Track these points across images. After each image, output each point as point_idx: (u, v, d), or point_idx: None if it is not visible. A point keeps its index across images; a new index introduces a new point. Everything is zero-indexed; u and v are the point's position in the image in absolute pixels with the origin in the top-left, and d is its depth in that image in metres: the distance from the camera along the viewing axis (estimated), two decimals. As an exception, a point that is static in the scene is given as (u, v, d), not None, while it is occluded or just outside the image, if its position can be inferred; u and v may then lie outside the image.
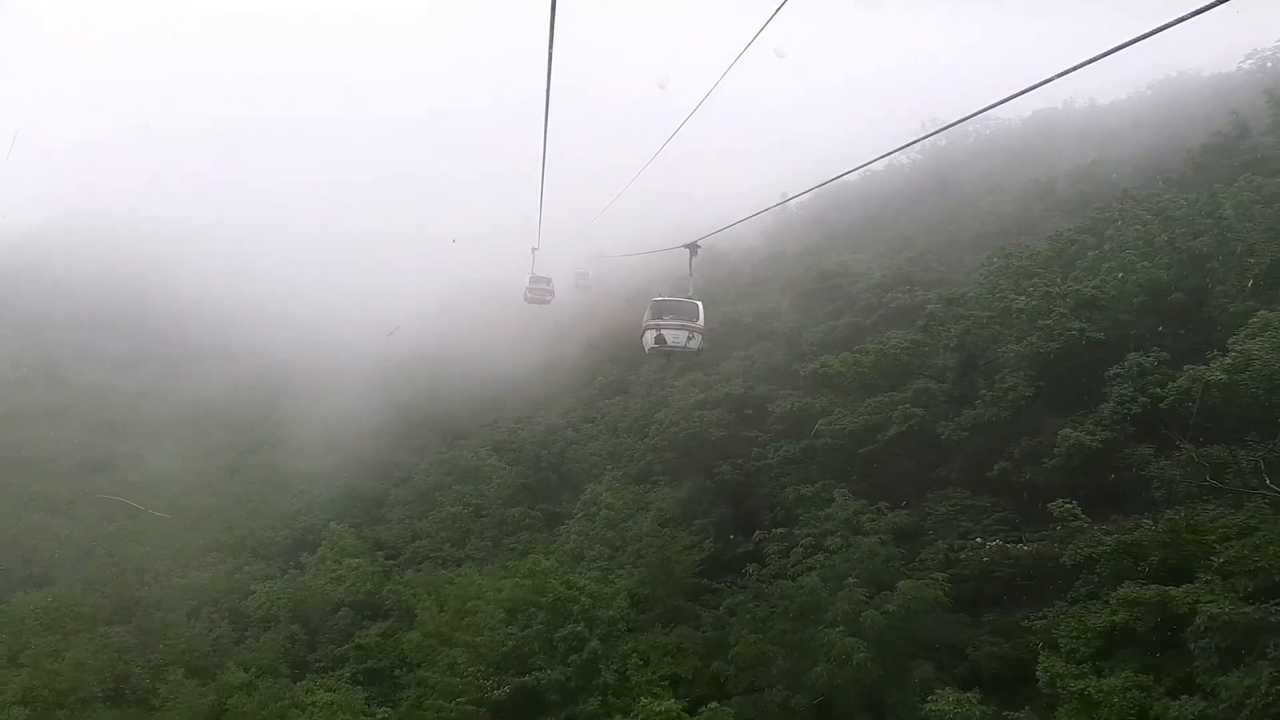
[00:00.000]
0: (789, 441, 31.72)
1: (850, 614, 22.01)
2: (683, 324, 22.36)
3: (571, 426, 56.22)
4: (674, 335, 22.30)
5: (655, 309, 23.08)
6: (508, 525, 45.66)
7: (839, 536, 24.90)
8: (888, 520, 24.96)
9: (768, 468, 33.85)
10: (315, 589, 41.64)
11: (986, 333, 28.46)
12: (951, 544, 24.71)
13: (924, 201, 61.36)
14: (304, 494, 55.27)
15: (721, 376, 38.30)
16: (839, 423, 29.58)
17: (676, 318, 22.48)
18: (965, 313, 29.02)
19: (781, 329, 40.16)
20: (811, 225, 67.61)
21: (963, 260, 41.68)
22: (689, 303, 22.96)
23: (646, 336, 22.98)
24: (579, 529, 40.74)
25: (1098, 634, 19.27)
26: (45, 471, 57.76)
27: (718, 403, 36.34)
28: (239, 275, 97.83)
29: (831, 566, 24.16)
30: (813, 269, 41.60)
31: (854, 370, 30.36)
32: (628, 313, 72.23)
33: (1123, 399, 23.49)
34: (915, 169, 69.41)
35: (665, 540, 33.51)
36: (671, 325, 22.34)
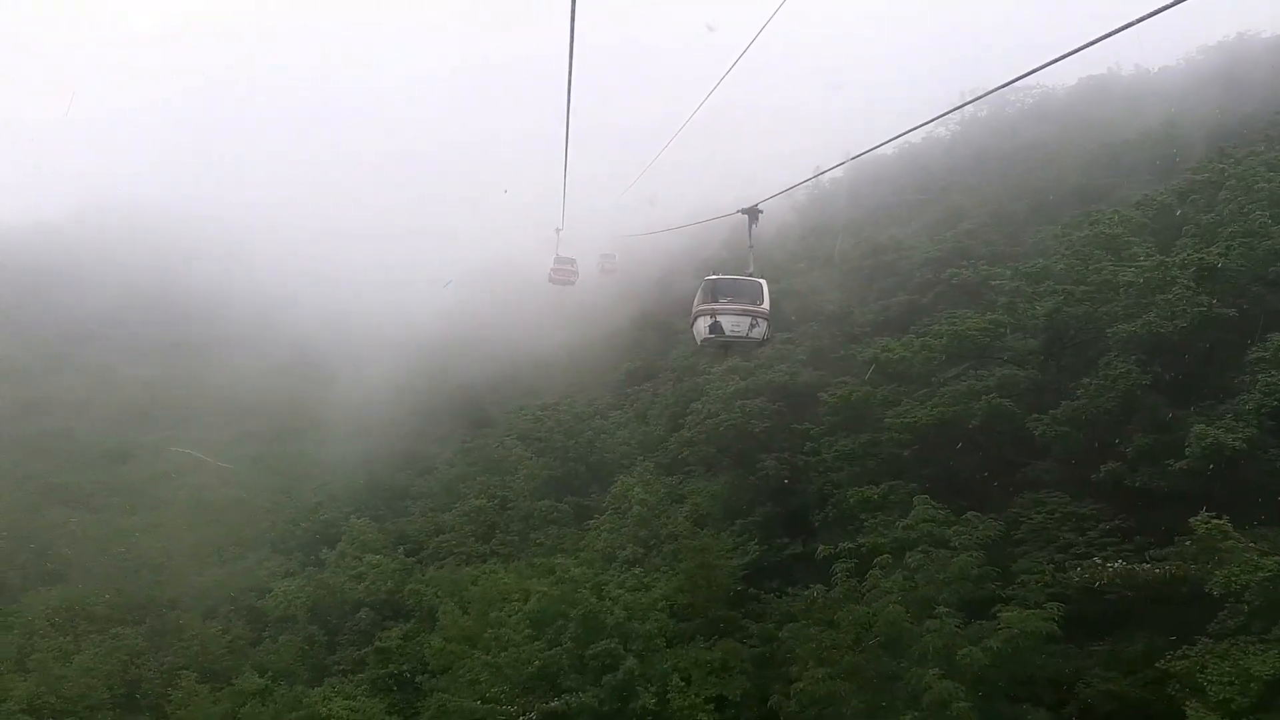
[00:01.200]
0: (846, 435, 27.41)
1: (943, 650, 17.75)
2: (744, 308, 18.13)
3: (599, 414, 52.27)
4: (733, 322, 18.12)
5: (709, 291, 18.88)
6: (534, 519, 42.03)
7: (920, 551, 20.55)
8: (980, 533, 20.59)
9: (819, 464, 29.70)
10: (334, 587, 38.36)
11: (1078, 310, 23.87)
12: (1052, 558, 20.31)
13: (966, 173, 56.33)
14: (327, 485, 51.92)
15: (762, 362, 34.03)
16: (909, 415, 25.11)
17: (736, 300, 18.26)
18: (1056, 287, 24.36)
19: (829, 309, 35.68)
20: (847, 200, 62.74)
21: (1023, 232, 36.95)
22: (751, 281, 18.72)
23: (698, 325, 18.68)
24: (609, 526, 36.72)
25: (1263, 683, 14.89)
26: (68, 462, 55.07)
27: (759, 391, 32.12)
28: (269, 260, 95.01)
29: (913, 588, 19.87)
30: (861, 244, 37.04)
31: (921, 355, 25.86)
32: (654, 296, 68.38)
33: (1271, 388, 18.86)
34: (955, 140, 64.25)
35: (705, 542, 29.33)
36: (730, 310, 18.12)
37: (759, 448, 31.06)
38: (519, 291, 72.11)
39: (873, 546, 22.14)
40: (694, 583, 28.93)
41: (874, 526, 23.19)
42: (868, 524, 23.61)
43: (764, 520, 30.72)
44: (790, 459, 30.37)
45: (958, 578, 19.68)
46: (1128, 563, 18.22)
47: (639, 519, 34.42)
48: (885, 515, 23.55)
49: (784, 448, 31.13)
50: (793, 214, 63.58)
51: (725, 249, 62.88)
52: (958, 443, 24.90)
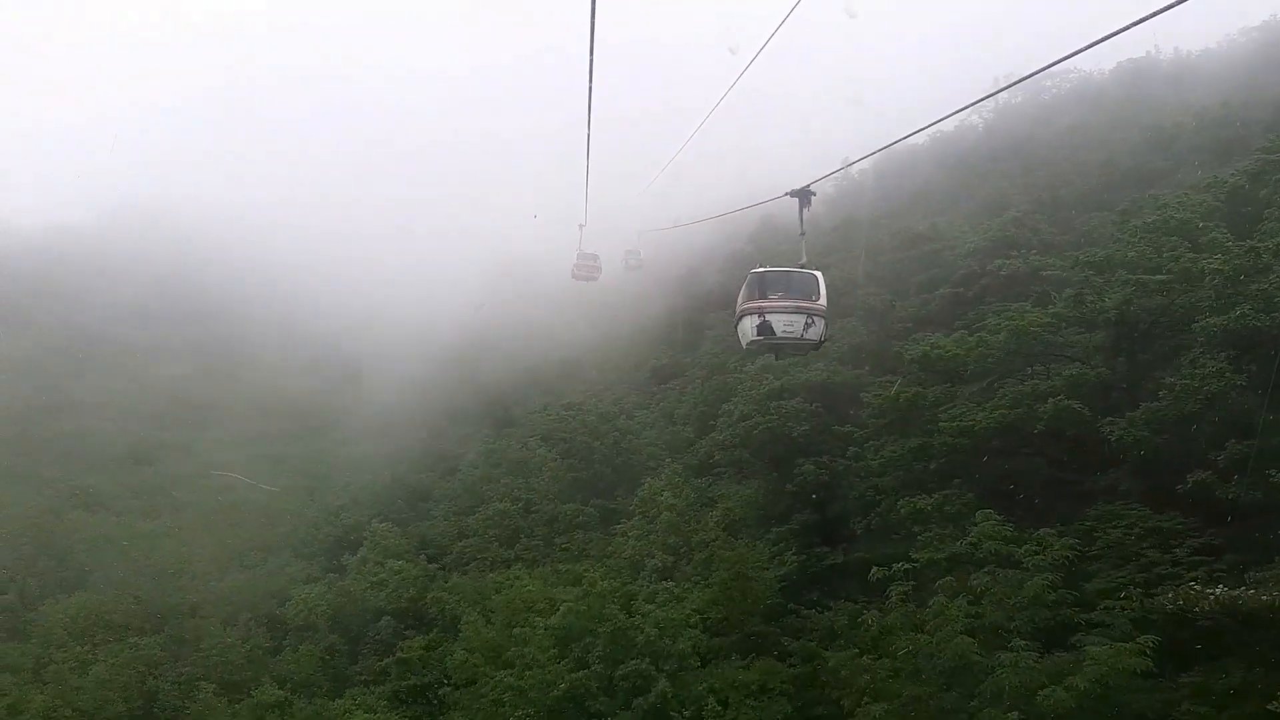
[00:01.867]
0: (893, 439, 25.13)
1: (1020, 689, 15.54)
2: (797, 305, 15.79)
3: (625, 414, 50.34)
4: (785, 322, 15.79)
5: (757, 285, 16.46)
6: (559, 523, 40.27)
7: (987, 572, 18.29)
8: (1055, 552, 18.28)
9: (860, 468, 27.47)
10: (355, 595, 36.88)
11: (1152, 302, 21.45)
12: (1132, 578, 17.97)
13: (1004, 160, 53.65)
14: (349, 486, 50.50)
15: (797, 359, 31.71)
16: (965, 418, 22.76)
17: (788, 296, 15.89)
18: (1129, 277, 21.92)
19: (867, 303, 33.37)
20: (878, 191, 60.22)
21: (1072, 220, 34.40)
22: (805, 274, 16.31)
23: (744, 325, 16.46)
24: (637, 532, 34.74)
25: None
26: (89, 465, 54.10)
27: (795, 391, 29.93)
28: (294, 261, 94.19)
29: (980, 614, 17.65)
30: (899, 235, 34.71)
31: (977, 352, 23.52)
32: (680, 292, 66.33)
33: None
34: (990, 128, 61.45)
35: (740, 552, 27.24)
36: (781, 308, 15.78)
37: (796, 451, 28.93)
38: (542, 289, 70.51)
39: (928, 562, 19.92)
40: (728, 595, 26.91)
41: (928, 541, 20.96)
42: (921, 538, 21.36)
43: (801, 528, 28.63)
44: (829, 463, 28.20)
45: (1032, 603, 17.45)
46: (1229, 587, 15.87)
47: (668, 525, 32.43)
48: (939, 528, 21.31)
49: (822, 451, 28.97)
50: (820, 205, 61.09)
51: (752, 243, 60.69)
52: (1019, 448, 22.58)
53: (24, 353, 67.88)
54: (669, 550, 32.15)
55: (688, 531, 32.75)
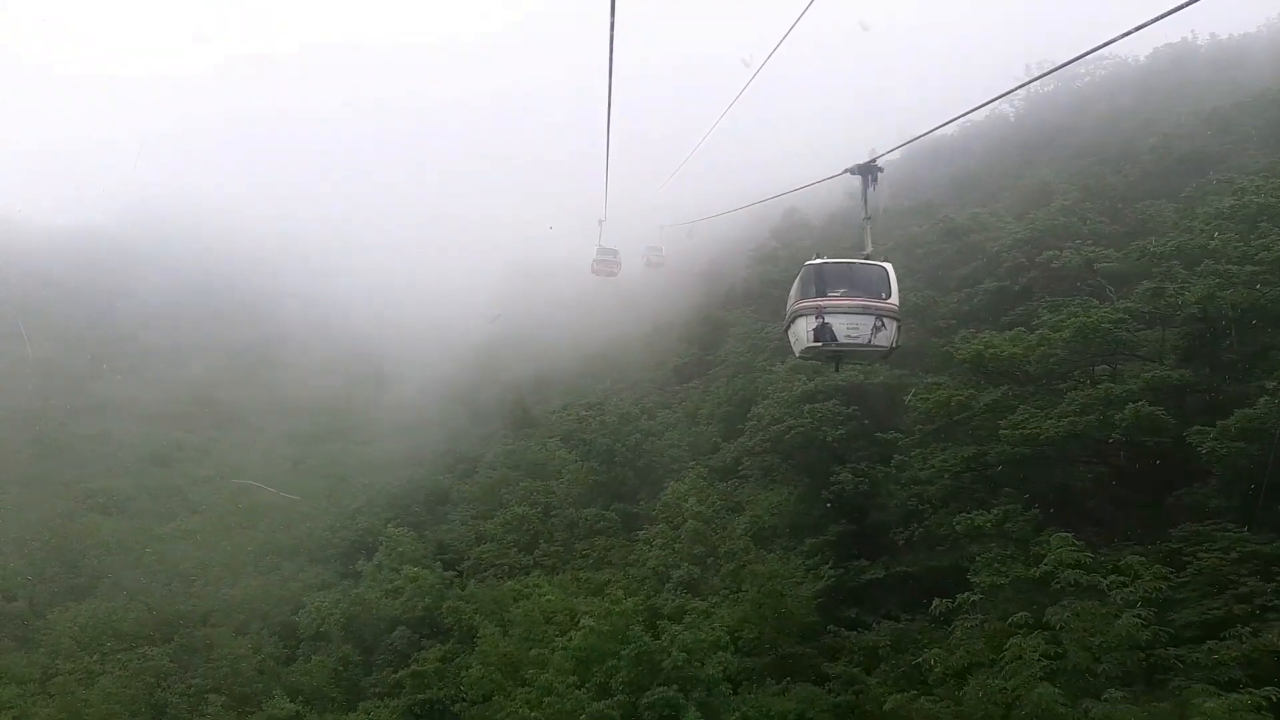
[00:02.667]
0: (942, 446, 22.65)
1: (1120, 749, 13.16)
2: (864, 304, 13.10)
3: (646, 414, 48.10)
4: (850, 325, 13.08)
5: (814, 279, 13.65)
6: (580, 528, 38.21)
7: (1066, 606, 15.83)
8: (1147, 583, 15.73)
9: (901, 476, 25.05)
10: (370, 603, 35.00)
11: (1238, 296, 18.82)
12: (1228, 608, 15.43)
13: (1039, 148, 50.70)
14: (367, 487, 48.72)
15: (835, 359, 29.37)
16: (1028, 424, 20.13)
17: (852, 293, 13.20)
18: (1215, 267, 19.28)
19: (904, 299, 30.78)
20: (905, 184, 57.40)
21: (1124, 210, 31.61)
22: (871, 266, 13.66)
23: (798, 328, 13.80)
24: (661, 540, 32.52)
25: None
26: (108, 466, 52.73)
27: (830, 393, 27.49)
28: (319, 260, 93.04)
29: (1060, 655, 15.21)
30: (938, 226, 32.13)
31: (1038, 351, 20.93)
32: (701, 288, 64.01)
33: None
34: (1022, 118, 58.47)
35: (773, 567, 24.90)
36: (845, 307, 13.10)
37: (831, 457, 26.54)
38: (562, 286, 68.59)
39: (989, 587, 17.51)
40: (760, 613, 24.58)
41: (987, 562, 18.52)
42: (980, 559, 18.92)
43: (838, 539, 26.24)
44: (868, 470, 25.77)
45: (1122, 644, 14.99)
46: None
47: (694, 534, 30.14)
48: (999, 547, 18.85)
49: (860, 457, 26.56)
50: (847, 199, 58.43)
51: (775, 237, 58.21)
52: (1090, 459, 20.03)
53: (48, 353, 66.95)
54: (695, 561, 29.97)
55: (714, 541, 30.50)
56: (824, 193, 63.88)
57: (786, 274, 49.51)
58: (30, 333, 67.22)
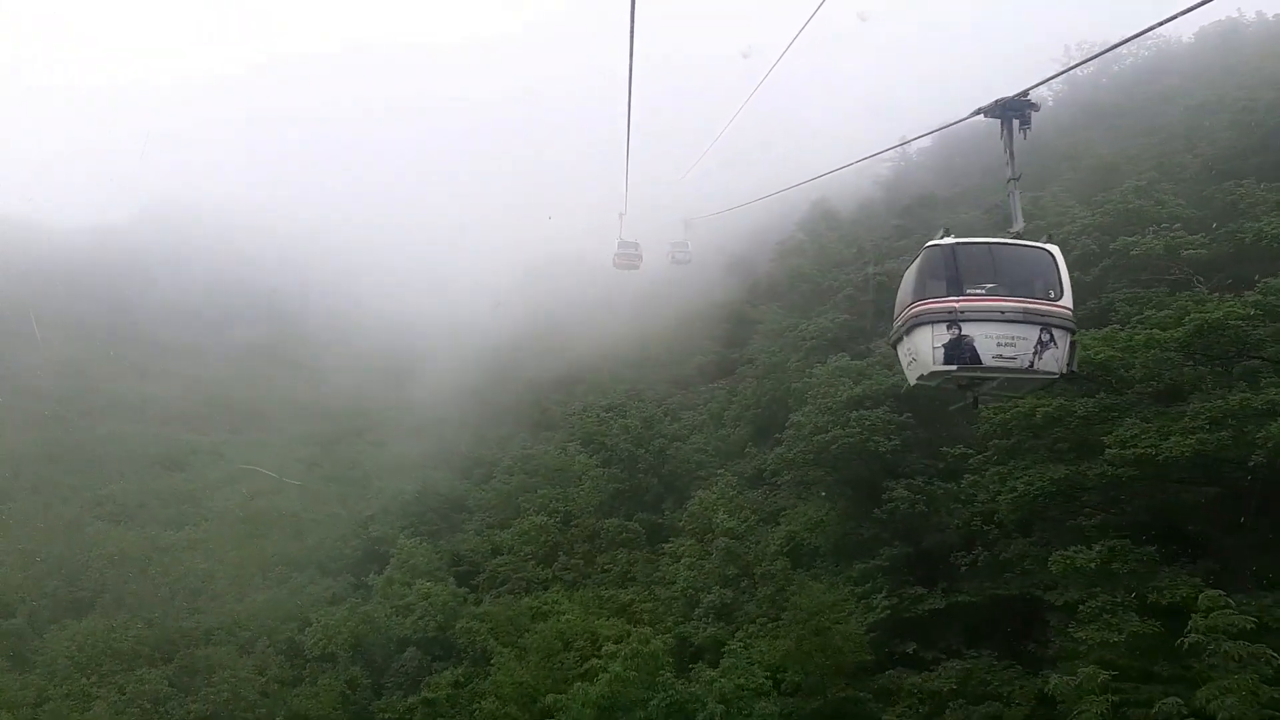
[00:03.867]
0: (1023, 464, 19.07)
1: None
2: (1024, 308, 9.09)
3: (670, 415, 44.78)
4: (1003, 338, 8.99)
5: (942, 268, 9.50)
6: (601, 540, 35.13)
7: (1224, 689, 12.28)
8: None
9: (962, 493, 21.56)
10: (379, 622, 32.01)
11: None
12: None
13: (1082, 131, 46.41)
14: (382, 492, 45.87)
15: (879, 359, 25.76)
16: (1140, 441, 16.29)
17: (1004, 290, 9.19)
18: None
19: None
20: (940, 170, 53.54)
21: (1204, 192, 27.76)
22: (1029, 250, 9.68)
23: (917, 342, 9.47)
24: (689, 555, 29.20)
25: None
26: (119, 471, 50.32)
27: (881, 399, 23.97)
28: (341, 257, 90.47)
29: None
30: (993, 212, 28.42)
31: (1147, 354, 17.17)
32: (725, 283, 60.56)
33: None
34: (1061, 100, 54.08)
35: (819, 596, 21.46)
36: (995, 312, 9.04)
37: (883, 471, 23.05)
38: (582, 283, 65.53)
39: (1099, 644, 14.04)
40: (805, 651, 21.12)
41: (1093, 613, 14.97)
42: (1084, 609, 15.34)
43: (891, 564, 22.75)
44: (925, 486, 22.27)
45: None
46: None
47: (725, 553, 26.73)
48: (1107, 591, 15.33)
49: (914, 471, 23.06)
50: (876, 189, 54.72)
51: (802, 230, 54.54)
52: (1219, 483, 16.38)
53: (63, 354, 64.78)
54: (727, 583, 26.56)
55: (748, 560, 27.06)
56: (852, 183, 60.19)
57: (816, 266, 46.11)
58: (46, 333, 65.27)
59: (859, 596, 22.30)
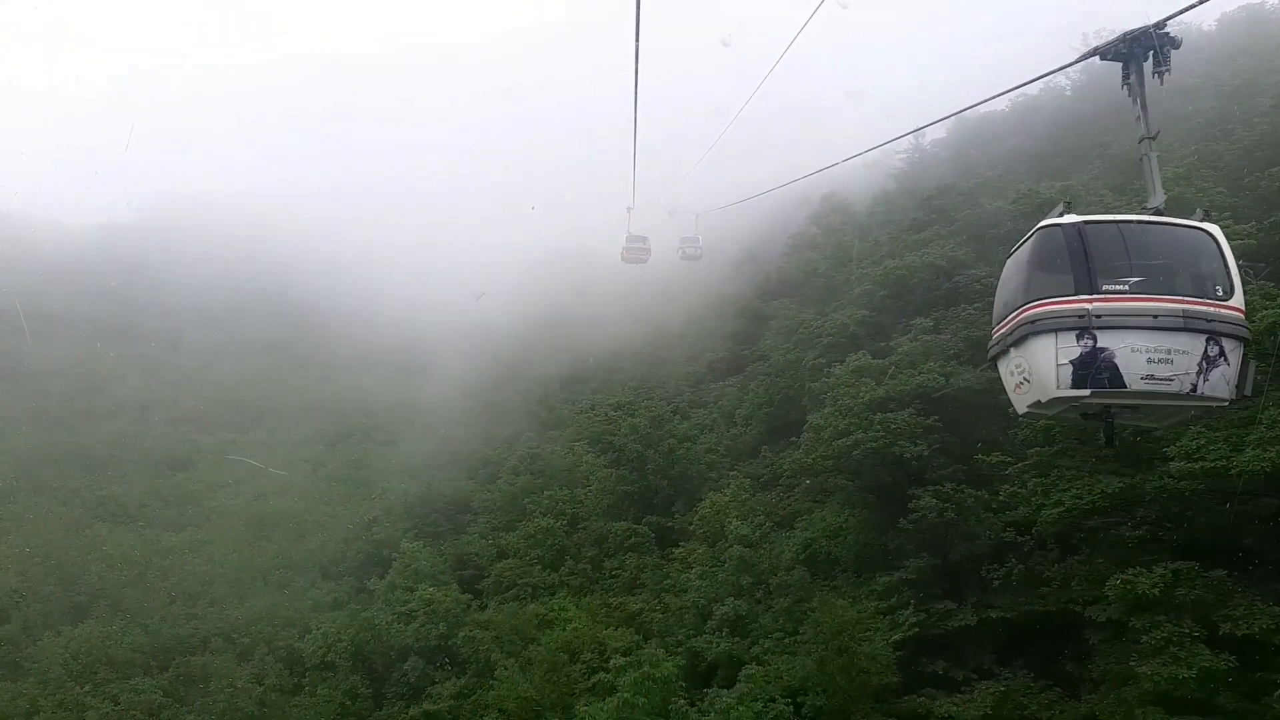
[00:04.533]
0: (1070, 474, 17.20)
1: None
2: (1183, 308, 6.69)
3: (679, 413, 43.04)
4: (1155, 351, 6.56)
5: (1066, 256, 7.14)
6: (609, 543, 33.57)
7: None
8: None
9: (994, 500, 19.79)
10: (380, 629, 30.50)
11: None
12: None
13: (1104, 121, 44.17)
14: (386, 492, 44.38)
15: (902, 358, 23.94)
16: (1210, 455, 14.22)
17: (1148, 286, 6.83)
18: None
19: (982, 284, 25.33)
20: (954, 163, 51.55)
21: (1244, 180, 25.80)
22: (1181, 230, 7.42)
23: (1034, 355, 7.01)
24: (700, 562, 27.57)
25: None
26: (121, 472, 49.07)
27: (905, 400, 22.17)
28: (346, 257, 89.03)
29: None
30: (1021, 201, 26.46)
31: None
32: (735, 277, 58.75)
33: None
34: (1080, 90, 51.88)
35: (839, 612, 19.75)
36: (1144, 315, 6.63)
37: (909, 478, 21.28)
38: (591, 278, 63.91)
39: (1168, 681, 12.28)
40: (828, 673, 19.41)
41: (1157, 644, 13.15)
42: (1147, 639, 13.54)
43: (918, 577, 20.98)
44: (954, 494, 20.50)
45: None
46: None
47: (740, 562, 25.02)
48: (1172, 621, 13.52)
49: (942, 477, 21.27)
50: (890, 180, 52.73)
51: (814, 223, 52.62)
52: (1267, 492, 14.61)
53: (69, 354, 63.59)
54: (740, 593, 24.83)
55: (763, 570, 25.34)
56: (864, 176, 58.16)
57: (830, 261, 44.20)
58: (51, 332, 64.13)
59: (883, 612, 20.57)
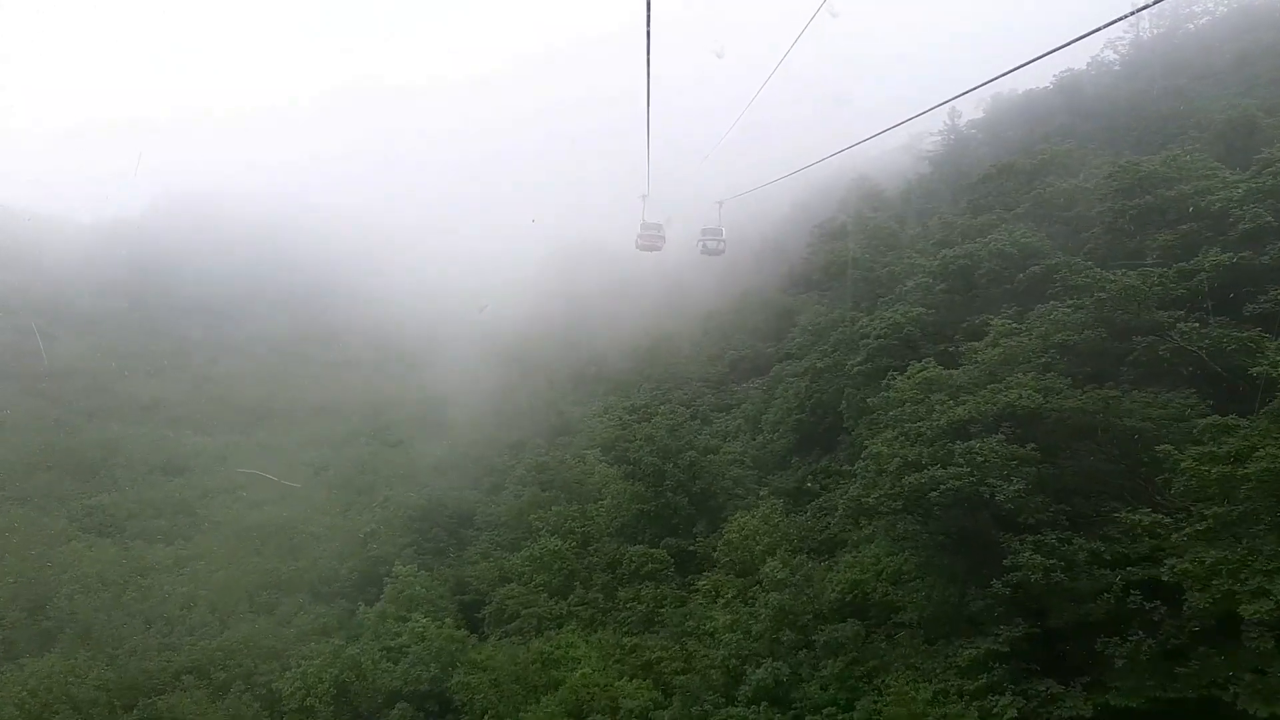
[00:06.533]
0: (1253, 535, 11.92)
1: None
2: None
3: (700, 417, 37.83)
4: None
5: None
6: (623, 569, 28.72)
7: None
8: None
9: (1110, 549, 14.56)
10: (365, 669, 25.68)
11: None
12: None
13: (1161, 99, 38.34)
14: (388, 501, 39.68)
15: (980, 367, 18.60)
16: None
17: None
18: None
19: (1068, 279, 19.87)
20: (991, 145, 45.82)
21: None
22: None
23: None
24: (727, 604, 22.46)
25: None
26: (113, 479, 44.83)
27: (991, 423, 16.88)
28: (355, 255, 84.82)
29: None
30: (1115, 178, 21.03)
31: None
32: (756, 270, 53.46)
33: None
34: (1131, 65, 45.99)
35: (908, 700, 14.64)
36: None
37: (999, 521, 16.03)
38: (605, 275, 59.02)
39: None
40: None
41: None
42: None
43: (1012, 649, 15.74)
44: (1060, 546, 15.23)
45: None
46: None
47: (778, 614, 19.88)
48: None
49: (1041, 521, 15.98)
50: (926, 164, 47.02)
51: (843, 210, 47.08)
52: None
53: (74, 352, 59.59)
54: (779, 651, 19.71)
55: (805, 619, 20.19)
56: (895, 160, 52.50)
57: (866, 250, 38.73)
58: (59, 332, 60.18)
59: (970, 695, 15.38)
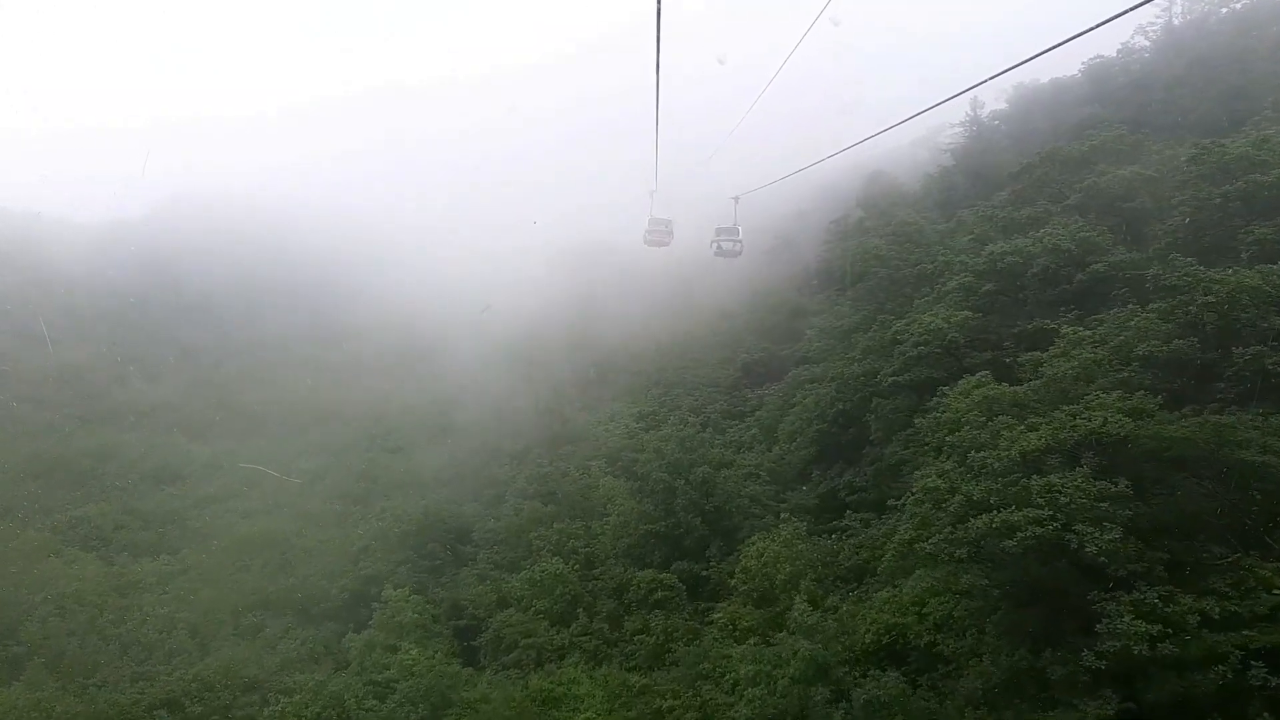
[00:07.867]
0: None
1: None
2: None
3: (712, 425, 34.66)
4: None
5: None
6: (630, 595, 25.56)
7: None
8: None
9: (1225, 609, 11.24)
10: (349, 709, 22.65)
11: None
12: None
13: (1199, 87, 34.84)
14: (384, 512, 36.70)
15: (1048, 383, 15.27)
16: None
17: None
18: None
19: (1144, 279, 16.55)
20: (1016, 137, 42.38)
21: None
22: None
23: None
24: (752, 654, 19.35)
25: None
26: (104, 488, 42.09)
27: (1071, 452, 13.59)
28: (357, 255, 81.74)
29: None
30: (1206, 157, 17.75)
31: None
32: (768, 270, 50.20)
33: None
34: (1163, 51, 42.35)
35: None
36: None
37: (1081, 573, 12.78)
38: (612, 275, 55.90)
39: None
40: None
41: None
42: None
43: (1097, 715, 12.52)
44: (1161, 609, 11.98)
45: None
46: None
47: (809, 664, 16.73)
48: None
49: (1133, 574, 12.72)
50: (948, 157, 43.56)
51: (860, 206, 43.74)
52: None
53: (71, 357, 56.94)
54: (810, 712, 16.55)
55: (838, 670, 17.00)
56: (911, 154, 49.11)
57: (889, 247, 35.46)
58: (60, 335, 57.63)
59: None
